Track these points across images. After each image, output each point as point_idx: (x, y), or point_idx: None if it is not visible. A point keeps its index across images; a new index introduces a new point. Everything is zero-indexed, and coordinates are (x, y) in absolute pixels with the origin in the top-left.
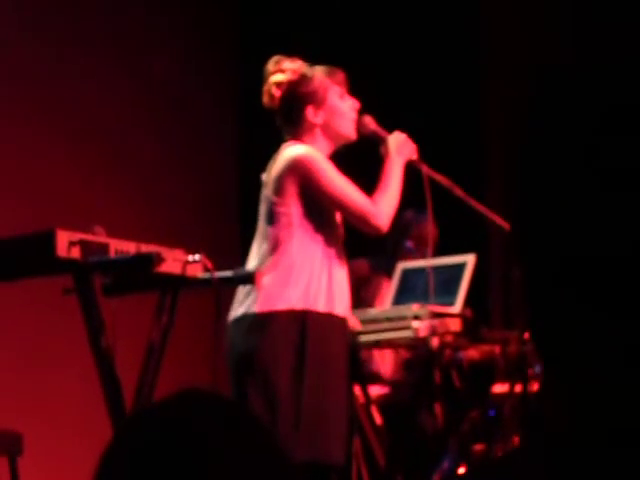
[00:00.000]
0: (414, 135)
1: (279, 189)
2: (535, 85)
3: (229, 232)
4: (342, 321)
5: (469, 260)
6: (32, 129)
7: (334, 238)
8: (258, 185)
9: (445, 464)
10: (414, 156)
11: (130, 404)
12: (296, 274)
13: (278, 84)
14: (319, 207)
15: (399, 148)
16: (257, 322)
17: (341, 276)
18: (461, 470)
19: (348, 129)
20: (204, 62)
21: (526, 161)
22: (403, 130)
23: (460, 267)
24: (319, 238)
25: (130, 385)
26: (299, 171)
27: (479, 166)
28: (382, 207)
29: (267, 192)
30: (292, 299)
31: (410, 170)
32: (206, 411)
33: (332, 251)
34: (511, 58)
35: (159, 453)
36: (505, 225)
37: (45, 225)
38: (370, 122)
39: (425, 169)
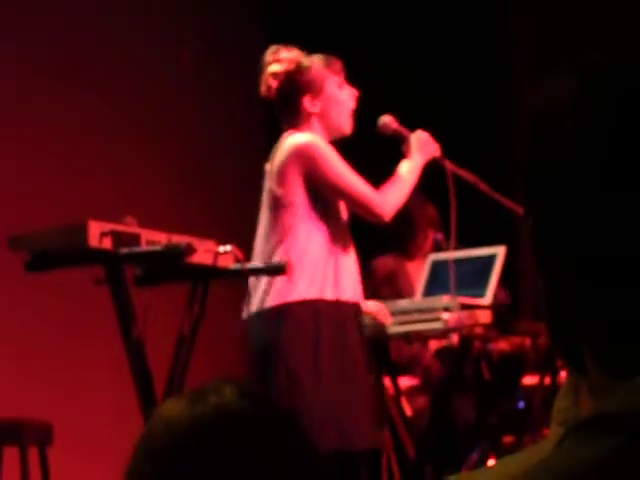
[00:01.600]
0: (440, 132)
1: (283, 179)
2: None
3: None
4: (353, 306)
5: (499, 252)
6: (66, 121)
7: (339, 225)
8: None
9: (474, 456)
10: (437, 153)
11: (161, 394)
12: (306, 263)
13: (275, 74)
14: (323, 195)
15: (421, 146)
16: (273, 316)
17: (348, 262)
18: (490, 462)
19: (345, 119)
20: (232, 55)
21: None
22: (426, 128)
23: (490, 259)
24: (325, 226)
25: (161, 375)
26: (302, 159)
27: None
28: (388, 197)
29: (271, 183)
30: (305, 289)
31: (435, 167)
32: (240, 400)
33: (338, 238)
34: (539, 56)
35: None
36: (517, 208)
37: (77, 216)
38: (392, 121)
39: (449, 165)
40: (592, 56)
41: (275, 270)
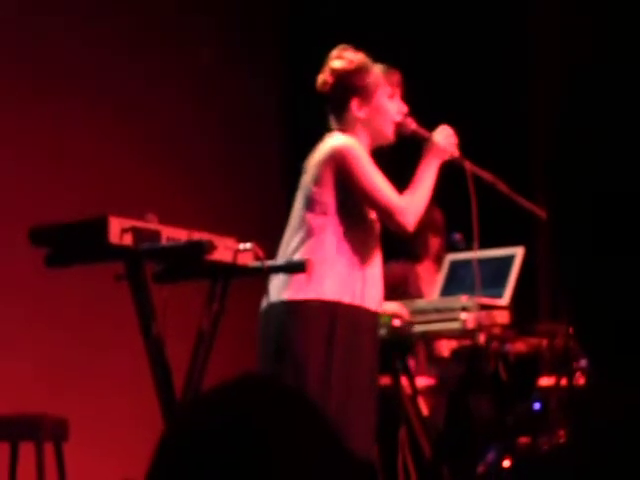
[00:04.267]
0: (459, 131)
1: (317, 177)
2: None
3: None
4: (372, 315)
5: (518, 253)
6: (89, 121)
7: (369, 233)
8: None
9: (490, 456)
10: (456, 153)
11: (180, 391)
12: (329, 264)
13: (333, 70)
14: (354, 200)
15: (442, 143)
16: (288, 310)
17: (374, 271)
18: (506, 463)
19: (388, 130)
20: (250, 53)
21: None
22: (449, 124)
23: (509, 259)
24: (354, 230)
25: (180, 372)
26: (336, 160)
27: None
28: (410, 206)
29: (306, 179)
30: (323, 289)
31: (454, 167)
32: (266, 398)
33: (367, 245)
34: (558, 57)
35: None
36: (542, 214)
37: (98, 212)
38: (410, 122)
39: (468, 165)
40: None
41: (295, 268)
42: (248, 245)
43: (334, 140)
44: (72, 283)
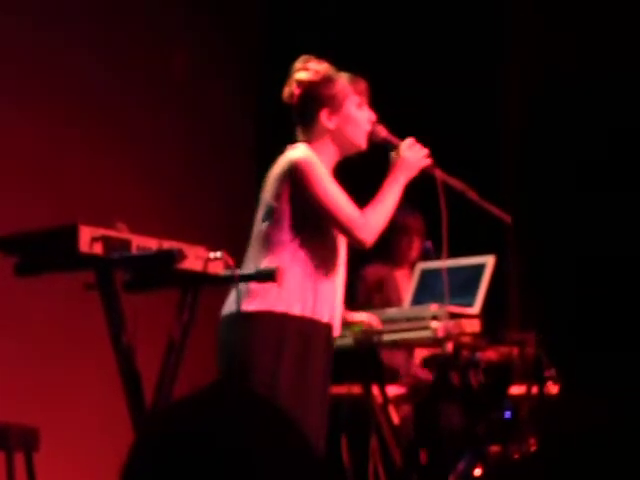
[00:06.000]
0: (429, 139)
1: (275, 191)
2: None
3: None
4: (325, 327)
5: (488, 261)
6: (57, 125)
7: (329, 246)
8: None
9: (461, 465)
10: (427, 162)
11: (150, 400)
12: (284, 277)
13: (299, 82)
14: (313, 213)
15: (411, 159)
16: (238, 321)
17: (329, 284)
18: (477, 471)
19: (359, 139)
20: (224, 62)
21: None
22: (415, 136)
23: (479, 268)
24: (311, 243)
25: (150, 381)
26: (293, 175)
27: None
28: (370, 221)
29: (264, 194)
30: (273, 300)
31: (423, 175)
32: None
33: (325, 258)
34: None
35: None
36: (506, 218)
37: (68, 220)
38: (381, 130)
39: (439, 174)
40: None
41: (265, 277)
42: (218, 254)
43: (292, 153)
44: (41, 292)
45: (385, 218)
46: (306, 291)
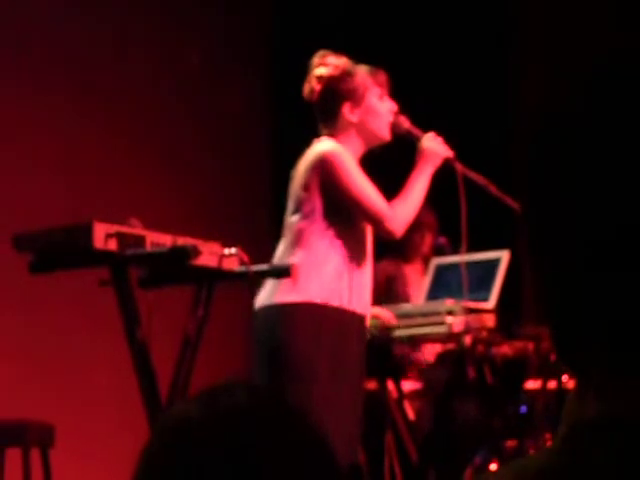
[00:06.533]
0: (444, 134)
1: (305, 183)
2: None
3: (262, 225)
4: (360, 318)
5: (503, 256)
6: (72, 122)
7: (359, 238)
8: (290, 179)
9: (477, 460)
10: (450, 154)
11: (165, 397)
12: (317, 268)
13: (319, 77)
14: (342, 206)
15: (434, 149)
16: (277, 313)
17: (363, 275)
18: (493, 466)
19: (382, 130)
20: (239, 57)
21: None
22: (437, 131)
23: (494, 263)
24: (342, 234)
25: (165, 377)
26: (322, 167)
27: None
28: (399, 213)
29: (294, 186)
30: (311, 292)
31: (441, 169)
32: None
33: (355, 249)
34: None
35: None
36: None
37: (82, 217)
38: (404, 121)
39: (460, 167)
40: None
41: (280, 273)
42: (233, 250)
43: (321, 146)
44: (57, 289)
45: (414, 209)
46: (342, 282)
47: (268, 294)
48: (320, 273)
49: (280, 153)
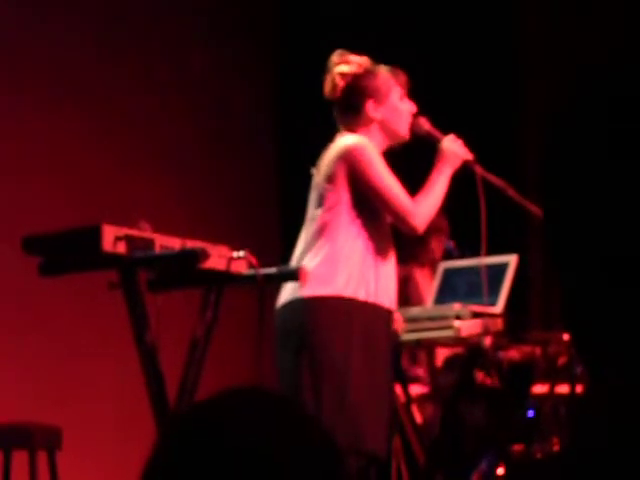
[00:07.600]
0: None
1: (330, 175)
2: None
3: (270, 228)
4: (387, 313)
5: (511, 260)
6: (78, 125)
7: (382, 231)
8: (298, 182)
9: (484, 464)
10: (470, 157)
11: (173, 400)
12: (343, 261)
13: (343, 74)
14: (367, 199)
15: (453, 151)
16: (306, 306)
17: (388, 269)
18: (500, 470)
19: (403, 129)
20: (242, 60)
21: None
22: (457, 134)
23: (502, 267)
24: (367, 227)
25: (173, 381)
26: (349, 159)
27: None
28: (421, 209)
29: (318, 178)
30: (339, 285)
31: (457, 173)
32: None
33: (380, 243)
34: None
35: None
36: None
37: (91, 220)
38: (424, 123)
39: (479, 170)
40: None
41: (289, 276)
42: (241, 253)
43: (347, 139)
44: (64, 291)
45: (435, 207)
46: (368, 276)
47: (292, 289)
48: (346, 266)
49: (287, 154)
